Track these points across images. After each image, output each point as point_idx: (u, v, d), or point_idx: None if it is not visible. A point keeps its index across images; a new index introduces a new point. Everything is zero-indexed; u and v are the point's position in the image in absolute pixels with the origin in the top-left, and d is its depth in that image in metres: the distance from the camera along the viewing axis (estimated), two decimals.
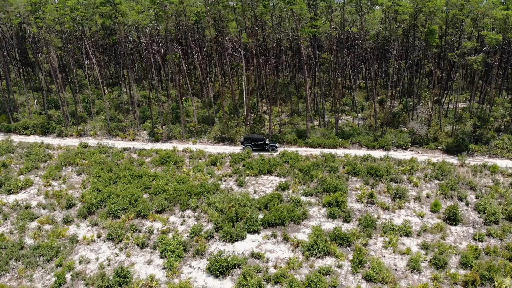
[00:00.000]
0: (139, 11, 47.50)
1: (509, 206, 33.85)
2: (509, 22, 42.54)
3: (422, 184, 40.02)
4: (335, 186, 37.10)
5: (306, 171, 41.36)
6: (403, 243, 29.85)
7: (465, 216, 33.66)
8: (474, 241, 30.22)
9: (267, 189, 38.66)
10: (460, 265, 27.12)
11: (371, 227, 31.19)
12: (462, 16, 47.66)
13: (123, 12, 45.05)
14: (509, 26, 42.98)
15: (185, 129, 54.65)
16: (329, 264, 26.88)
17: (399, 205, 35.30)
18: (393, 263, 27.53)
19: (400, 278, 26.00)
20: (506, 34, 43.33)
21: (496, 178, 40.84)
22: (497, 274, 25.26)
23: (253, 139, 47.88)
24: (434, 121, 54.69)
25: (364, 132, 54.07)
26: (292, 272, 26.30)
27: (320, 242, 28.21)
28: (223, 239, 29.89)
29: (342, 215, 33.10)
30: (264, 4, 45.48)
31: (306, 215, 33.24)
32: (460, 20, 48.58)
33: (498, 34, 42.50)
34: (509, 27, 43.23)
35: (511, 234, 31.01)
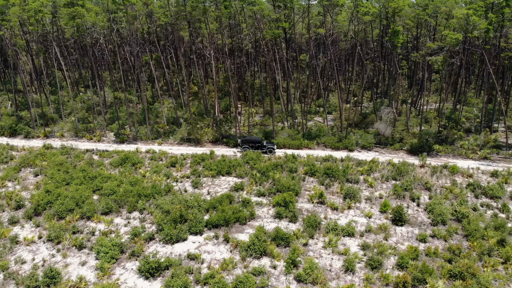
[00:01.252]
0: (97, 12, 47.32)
1: (459, 207, 33.61)
2: (470, 22, 42.37)
3: (377, 184, 39.80)
4: (288, 187, 36.86)
5: (264, 172, 41.13)
6: (344, 244, 29.57)
7: (413, 217, 33.41)
8: (417, 242, 29.96)
9: (222, 190, 38.40)
10: (397, 266, 26.82)
11: (314, 228, 30.91)
12: (425, 16, 47.52)
13: (80, 13, 44.90)
14: (470, 26, 42.80)
15: (153, 130, 54.41)
16: (262, 265, 26.59)
17: (348, 205, 35.05)
18: (329, 263, 27.24)
19: (333, 278, 25.70)
20: (467, 34, 43.15)
21: (454, 178, 40.64)
22: (431, 276, 24.96)
23: (251, 141, 47.22)
24: (400, 121, 54.51)
25: (331, 133, 53.90)
26: (225, 273, 26.00)
27: (258, 243, 27.91)
28: (163, 240, 29.60)
29: (288, 215, 32.81)
30: (225, 5, 45.31)
31: (253, 216, 32.96)
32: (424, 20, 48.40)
33: (458, 33, 42.31)
34: (470, 27, 43.07)
35: (457, 235, 30.76)
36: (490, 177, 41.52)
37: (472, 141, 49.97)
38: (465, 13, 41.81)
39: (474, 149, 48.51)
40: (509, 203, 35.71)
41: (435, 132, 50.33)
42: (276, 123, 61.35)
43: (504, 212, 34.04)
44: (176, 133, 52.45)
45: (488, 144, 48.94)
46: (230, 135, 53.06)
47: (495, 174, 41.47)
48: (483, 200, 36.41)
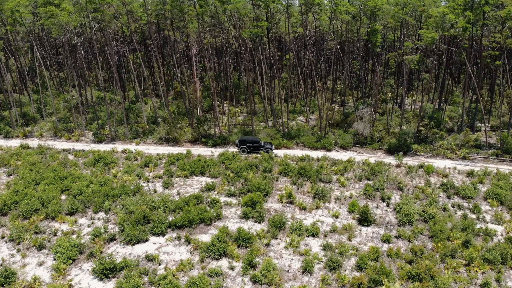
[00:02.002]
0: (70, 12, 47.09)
1: (427, 207, 33.27)
2: (446, 20, 42.00)
3: (349, 184, 39.49)
4: (258, 187, 36.54)
5: (238, 172, 40.83)
6: (306, 244, 29.24)
7: (381, 217, 33.07)
8: (381, 242, 29.62)
9: (193, 190, 38.10)
10: (356, 267, 26.50)
11: (278, 228, 30.60)
12: (404, 14, 47.16)
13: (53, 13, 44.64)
14: (447, 24, 42.43)
15: (132, 130, 54.14)
16: (220, 266, 26.29)
17: (317, 205, 34.74)
18: (288, 264, 26.92)
19: (289, 279, 25.39)
20: (444, 32, 42.77)
21: (428, 178, 40.28)
22: (388, 278, 24.64)
23: (248, 141, 46.62)
24: (382, 121, 54.16)
25: (310, 133, 53.59)
26: (181, 274, 25.72)
27: (217, 244, 27.63)
28: (124, 241, 29.32)
29: (255, 215, 32.48)
30: (200, 3, 45.01)
31: (219, 216, 32.66)
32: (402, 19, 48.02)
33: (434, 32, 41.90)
34: (447, 25, 42.69)
35: (423, 236, 30.41)
36: (466, 177, 41.16)
37: (451, 141, 49.62)
38: (440, 11, 41.42)
39: (453, 149, 48.15)
40: (481, 204, 35.36)
41: (414, 131, 49.94)
42: (258, 123, 61.12)
43: (475, 212, 33.68)
44: (155, 133, 52.17)
45: (467, 144, 48.56)
46: (209, 135, 52.77)
47: (471, 174, 41.10)
48: (455, 200, 36.05)
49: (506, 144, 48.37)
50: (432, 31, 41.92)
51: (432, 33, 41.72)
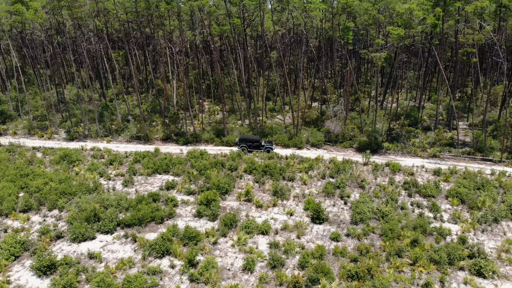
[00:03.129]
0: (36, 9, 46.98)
1: (382, 206, 32.90)
2: (413, 17, 41.50)
3: (312, 182, 39.18)
4: (218, 185, 36.28)
5: (202, 170, 40.60)
6: (254, 242, 28.96)
7: (336, 215, 32.73)
8: (330, 240, 29.30)
9: (153, 188, 37.87)
10: (298, 265, 26.19)
11: (229, 226, 30.34)
12: (375, 11, 46.69)
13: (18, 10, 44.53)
14: (415, 21, 41.94)
15: (105, 128, 54.02)
16: (160, 264, 26.05)
17: (274, 203, 34.45)
18: (231, 262, 26.63)
19: (228, 278, 25.11)
20: (411, 30, 42.24)
21: (393, 177, 39.89)
22: (326, 276, 24.32)
23: (248, 140, 46.21)
24: (356, 119, 53.75)
25: (284, 131, 53.26)
26: (120, 272, 25.51)
27: (162, 242, 27.41)
28: (71, 239, 29.16)
29: (208, 213, 32.23)
30: (167, 1, 44.73)
31: (172, 215, 32.43)
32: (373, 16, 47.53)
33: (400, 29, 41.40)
34: (415, 22, 42.20)
35: (374, 234, 30.04)
36: (432, 175, 40.72)
37: (424, 139, 49.14)
38: (407, 7, 40.93)
39: (424, 147, 47.66)
40: (442, 203, 34.95)
41: (386, 130, 49.51)
42: (236, 121, 60.84)
43: (433, 211, 33.27)
44: (126, 131, 52.02)
45: (438, 142, 48.06)
46: (182, 133, 52.52)
47: (437, 173, 40.64)
48: (416, 199, 35.63)
49: (478, 143, 47.88)
50: (398, 28, 41.43)
51: (398, 30, 41.24)
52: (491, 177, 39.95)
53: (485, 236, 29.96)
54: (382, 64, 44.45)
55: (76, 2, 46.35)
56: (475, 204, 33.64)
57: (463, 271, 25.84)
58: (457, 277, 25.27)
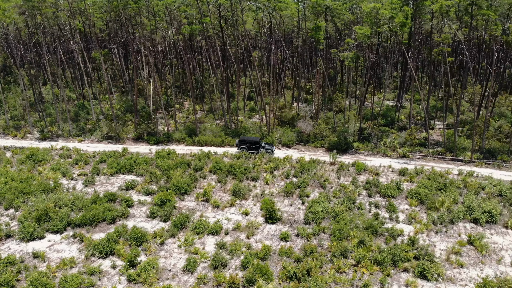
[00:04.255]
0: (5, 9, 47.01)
1: (337, 206, 32.64)
2: (379, 16, 41.20)
3: (275, 181, 38.95)
4: (177, 185, 36.11)
5: (166, 170, 40.43)
6: (203, 242, 28.75)
7: (291, 215, 32.46)
8: (279, 240, 29.05)
9: (113, 188, 37.72)
10: (240, 266, 25.97)
11: (179, 227, 30.16)
12: (344, 10, 46.36)
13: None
14: (379, 20, 41.63)
15: (79, 127, 53.96)
16: (101, 264, 25.91)
17: (232, 203, 34.25)
18: (174, 263, 26.43)
19: (167, 279, 24.93)
20: (377, 28, 41.91)
21: (357, 176, 39.57)
22: (265, 277, 24.08)
23: (248, 141, 45.40)
24: (331, 119, 53.44)
25: (258, 131, 53.02)
26: (60, 272, 25.38)
27: (106, 242, 27.27)
28: (20, 238, 29.07)
29: (161, 214, 32.05)
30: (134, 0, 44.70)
31: (124, 215, 32.27)
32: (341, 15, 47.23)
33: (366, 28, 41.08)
34: (383, 21, 41.89)
35: (325, 234, 29.75)
36: (397, 175, 40.39)
37: (394, 139, 48.78)
38: (372, 6, 40.61)
39: (395, 147, 47.30)
40: (401, 203, 34.62)
41: (357, 130, 49.21)
42: (213, 121, 60.65)
43: (389, 212, 32.95)
44: (98, 130, 51.94)
45: (408, 142, 47.70)
46: (154, 132, 52.38)
47: (402, 173, 40.32)
48: (376, 199, 35.31)
49: (450, 143, 47.50)
50: (364, 28, 41.10)
51: (364, 29, 40.92)
52: (458, 177, 39.61)
53: (438, 238, 29.62)
54: (349, 64, 44.10)
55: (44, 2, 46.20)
56: (433, 205, 33.30)
57: (407, 272, 25.53)
58: (399, 279, 24.96)
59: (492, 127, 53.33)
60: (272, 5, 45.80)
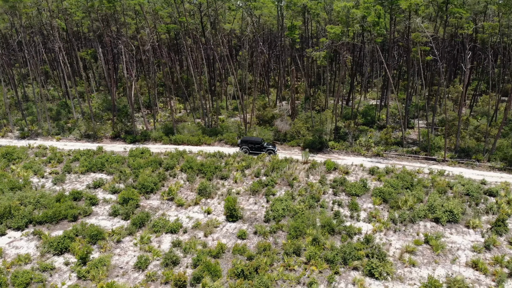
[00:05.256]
0: None
1: (298, 204, 32.74)
2: (350, 15, 41.19)
3: (245, 180, 39.08)
4: (143, 184, 36.32)
5: (136, 168, 40.69)
6: (159, 240, 28.91)
7: (253, 213, 32.56)
8: (236, 238, 29.18)
9: (81, 186, 38.01)
10: (192, 264, 26.12)
11: (138, 225, 30.39)
12: (318, 10, 46.37)
13: None
14: (351, 19, 41.62)
15: (59, 126, 54.35)
16: (54, 260, 26.18)
17: (196, 201, 34.43)
18: (127, 261, 26.64)
19: (117, 276, 25.15)
20: (349, 28, 41.90)
21: (326, 175, 39.65)
22: (212, 275, 24.24)
23: (250, 142, 44.97)
24: (299, 118, 53.50)
25: (235, 129, 53.18)
26: (14, 268, 25.67)
27: (62, 240, 27.53)
28: None
29: (122, 212, 32.28)
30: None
31: (87, 213, 32.52)
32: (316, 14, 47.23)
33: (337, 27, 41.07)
34: (351, 20, 41.87)
35: (283, 232, 29.84)
36: (367, 174, 40.44)
37: (369, 138, 48.77)
38: (343, 5, 40.60)
39: (369, 146, 47.30)
40: (366, 201, 34.62)
41: (333, 129, 49.24)
42: (194, 119, 60.85)
43: (351, 210, 32.96)
44: (76, 129, 52.30)
45: (382, 141, 47.66)
46: (132, 131, 52.64)
47: (372, 171, 40.36)
48: (341, 197, 35.33)
49: (425, 142, 47.42)
50: (335, 27, 41.10)
51: (335, 28, 40.91)
52: (428, 176, 39.60)
53: (396, 236, 29.62)
54: (322, 63, 44.11)
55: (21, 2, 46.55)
56: (396, 203, 33.30)
57: (356, 271, 25.57)
58: (348, 277, 25.00)
59: (472, 126, 53.17)
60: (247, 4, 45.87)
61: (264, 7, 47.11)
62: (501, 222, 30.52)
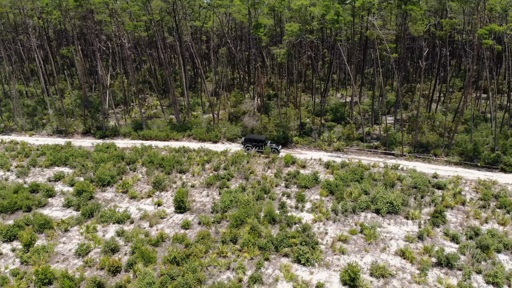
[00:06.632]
0: None
1: (245, 195, 33.93)
2: (307, 13, 42.24)
3: (204, 173, 40.28)
4: (100, 177, 37.57)
5: (98, 162, 41.95)
6: (105, 230, 30.13)
7: (203, 204, 33.80)
8: (180, 228, 30.38)
9: (43, 179, 39.29)
10: (130, 251, 27.28)
11: (87, 216, 31.67)
12: (281, 8, 47.43)
13: None
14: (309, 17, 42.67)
15: (33, 122, 55.67)
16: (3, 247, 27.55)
17: (149, 194, 35.67)
18: (71, 248, 27.90)
19: (58, 262, 26.38)
20: (306, 26, 42.96)
21: (284, 169, 40.79)
22: (145, 261, 25.45)
23: (253, 140, 45.33)
24: (270, 115, 54.64)
25: (204, 125, 54.36)
26: None
27: (12, 228, 28.85)
28: None
29: (74, 203, 33.54)
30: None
31: (41, 204, 33.79)
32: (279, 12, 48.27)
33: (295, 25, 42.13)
34: (310, 18, 42.92)
35: (226, 222, 30.98)
36: (324, 168, 41.60)
37: (332, 134, 49.89)
38: (299, 4, 41.66)
39: (331, 141, 48.42)
40: (314, 193, 35.71)
41: (297, 124, 50.36)
42: (168, 115, 62.06)
43: (297, 201, 34.03)
44: (48, 125, 53.61)
45: (343, 137, 48.77)
46: (102, 127, 53.79)
47: (327, 165, 41.50)
48: (292, 189, 36.43)
49: (385, 137, 48.47)
50: (293, 25, 42.16)
51: (292, 26, 41.98)
52: (382, 170, 40.69)
53: (334, 226, 30.72)
54: (281, 61, 45.19)
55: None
56: (341, 195, 34.45)
57: (287, 257, 26.73)
58: (277, 263, 26.12)
59: (438, 122, 54.18)
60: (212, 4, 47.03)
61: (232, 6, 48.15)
62: (438, 213, 31.59)
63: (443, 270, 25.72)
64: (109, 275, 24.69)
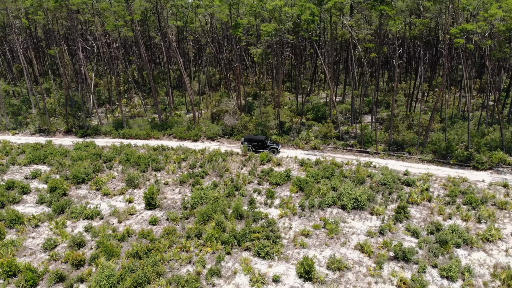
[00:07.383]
0: None
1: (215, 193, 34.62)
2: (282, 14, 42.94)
3: (179, 171, 40.97)
4: (74, 174, 38.24)
5: (75, 160, 42.64)
6: (74, 226, 30.79)
7: (174, 201, 34.46)
8: (147, 224, 31.09)
9: (20, 177, 39.95)
10: (96, 246, 27.98)
11: (58, 212, 32.34)
12: (258, 8, 48.13)
13: None
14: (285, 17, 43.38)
15: (17, 121, 56.33)
16: None
17: (122, 191, 36.35)
18: (39, 243, 28.53)
19: (25, 255, 27.00)
20: (281, 26, 43.69)
21: (257, 166, 41.51)
22: (108, 255, 26.09)
23: (253, 140, 45.45)
24: (251, 114, 55.36)
25: (185, 124, 55.07)
26: None
27: None
28: None
29: (47, 200, 34.21)
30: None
31: (15, 200, 34.45)
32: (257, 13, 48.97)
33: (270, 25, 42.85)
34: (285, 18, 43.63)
35: (194, 218, 31.64)
36: (298, 165, 42.31)
37: (309, 133, 50.62)
38: (274, 4, 42.36)
39: (308, 140, 49.15)
40: (284, 190, 36.35)
41: (277, 123, 51.10)
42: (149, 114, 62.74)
43: (267, 197, 34.70)
44: (30, 124, 54.29)
45: (320, 135, 49.50)
46: (84, 126, 54.45)
47: (302, 163, 42.22)
48: (264, 186, 37.09)
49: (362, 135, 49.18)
50: (268, 25, 42.87)
51: (267, 26, 42.68)
52: (354, 167, 41.40)
53: (300, 221, 31.39)
54: (258, 60, 45.91)
55: None
56: (310, 191, 35.16)
57: (248, 251, 27.42)
58: (238, 257, 26.78)
59: (416, 120, 54.93)
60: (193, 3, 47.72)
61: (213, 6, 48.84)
62: (401, 209, 32.27)
63: (399, 264, 26.37)
64: (72, 268, 25.36)
